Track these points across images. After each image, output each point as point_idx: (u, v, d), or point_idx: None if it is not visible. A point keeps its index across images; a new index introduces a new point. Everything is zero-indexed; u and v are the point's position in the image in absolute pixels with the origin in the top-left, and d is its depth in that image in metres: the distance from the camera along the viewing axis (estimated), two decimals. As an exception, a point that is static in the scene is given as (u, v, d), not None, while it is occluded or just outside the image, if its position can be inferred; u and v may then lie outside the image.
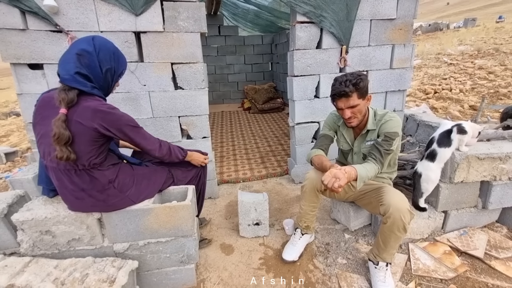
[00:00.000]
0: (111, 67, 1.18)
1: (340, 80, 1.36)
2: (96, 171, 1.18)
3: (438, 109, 4.36)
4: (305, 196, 1.61)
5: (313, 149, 1.60)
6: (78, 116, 1.07)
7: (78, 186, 1.16)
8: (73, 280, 1.13)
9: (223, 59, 6.11)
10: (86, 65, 1.11)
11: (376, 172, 1.36)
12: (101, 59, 1.14)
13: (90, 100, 1.11)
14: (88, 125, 1.08)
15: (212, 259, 1.68)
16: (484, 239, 1.65)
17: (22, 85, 1.81)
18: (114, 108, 1.17)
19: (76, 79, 1.08)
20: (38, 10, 1.66)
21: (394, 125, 1.41)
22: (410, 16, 2.25)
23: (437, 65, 7.64)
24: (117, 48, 1.24)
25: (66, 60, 1.11)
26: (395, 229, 1.30)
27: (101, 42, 1.16)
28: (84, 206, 1.23)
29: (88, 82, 1.12)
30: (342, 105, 1.39)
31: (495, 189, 1.65)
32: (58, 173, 1.16)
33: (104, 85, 1.20)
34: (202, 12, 1.88)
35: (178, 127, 2.09)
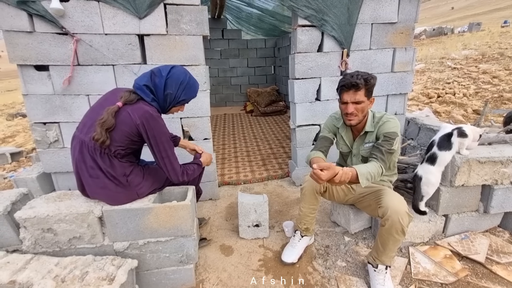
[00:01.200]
0: (172, 93, 1.33)
1: (351, 74, 1.37)
2: (116, 160, 1.28)
3: (441, 113, 4.34)
4: (305, 198, 1.62)
5: (312, 151, 1.60)
6: (131, 110, 1.24)
7: (97, 164, 1.26)
8: (73, 277, 1.15)
9: (226, 62, 6.16)
10: (155, 83, 1.30)
11: (379, 171, 1.31)
12: (167, 84, 1.31)
13: (147, 105, 1.28)
14: (134, 119, 1.22)
15: (212, 260, 1.69)
16: (485, 244, 1.63)
17: (28, 86, 1.85)
18: (161, 119, 1.30)
19: (142, 89, 1.29)
20: (45, 13, 1.71)
21: (392, 126, 1.41)
22: (411, 20, 2.26)
23: (441, 70, 7.61)
24: (189, 83, 1.38)
25: (144, 74, 1.34)
26: (394, 232, 1.29)
27: (175, 71, 1.34)
28: (95, 186, 1.29)
29: (151, 94, 1.30)
30: (348, 98, 1.38)
31: (496, 193, 1.64)
32: (83, 148, 1.26)
33: (164, 104, 1.35)
34: (204, 16, 1.91)
35: (179, 128, 2.11)
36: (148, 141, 1.28)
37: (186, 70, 1.40)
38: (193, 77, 1.42)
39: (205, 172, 2.29)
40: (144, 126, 1.24)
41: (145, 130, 1.25)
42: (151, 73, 1.32)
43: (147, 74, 1.32)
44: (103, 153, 1.25)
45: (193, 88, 1.42)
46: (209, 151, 2.22)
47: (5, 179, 3.23)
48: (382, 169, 1.33)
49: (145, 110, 1.24)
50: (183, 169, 1.43)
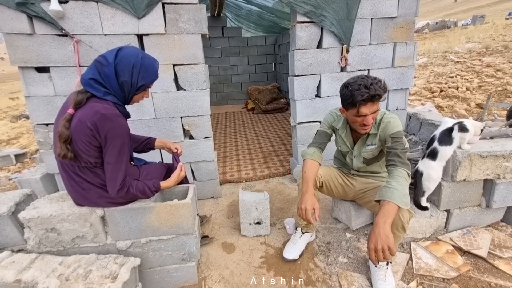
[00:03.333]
0: (127, 80, 1.16)
1: (365, 84, 1.22)
2: (99, 169, 1.20)
3: (444, 107, 4.30)
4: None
5: (311, 147, 1.58)
6: (81, 114, 1.10)
7: (84, 178, 1.21)
8: (77, 276, 1.16)
9: (227, 60, 6.15)
10: (104, 73, 1.13)
11: (406, 178, 1.26)
12: (118, 71, 1.14)
13: (99, 103, 1.13)
14: (85, 124, 1.09)
15: (214, 257, 1.70)
16: (488, 239, 1.63)
17: (29, 87, 1.87)
18: (118, 117, 1.14)
19: (90, 84, 1.13)
20: (44, 15, 1.72)
21: (396, 125, 1.38)
22: (411, 14, 2.24)
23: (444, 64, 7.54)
24: (144, 64, 1.19)
25: (90, 65, 1.17)
26: (394, 228, 1.29)
27: (124, 54, 1.15)
28: (89, 198, 1.26)
29: (102, 88, 1.14)
30: (367, 111, 1.26)
31: (498, 187, 1.63)
32: (64, 166, 1.20)
33: (121, 94, 1.20)
34: (202, 14, 1.91)
35: (180, 127, 2.12)
36: (102, 142, 1.13)
37: (138, 49, 1.21)
38: (148, 56, 1.23)
39: (207, 171, 2.31)
40: (96, 128, 1.09)
41: (98, 132, 1.10)
42: (96, 62, 1.14)
43: (93, 65, 1.15)
44: (81, 167, 1.17)
45: (150, 69, 1.22)
46: (209, 150, 2.23)
47: (10, 180, 3.28)
48: (407, 172, 1.29)
49: (95, 111, 1.09)
50: (129, 186, 1.22)
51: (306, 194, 1.38)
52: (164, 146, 1.64)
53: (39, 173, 2.11)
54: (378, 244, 1.09)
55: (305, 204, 1.34)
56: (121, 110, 1.21)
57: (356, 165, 1.59)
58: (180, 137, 2.14)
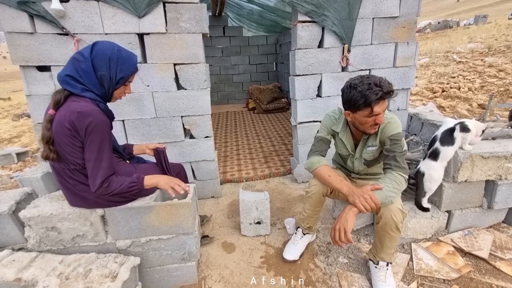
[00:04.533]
0: (105, 74, 1.15)
1: (375, 83, 1.20)
2: None
3: (446, 108, 4.29)
4: (311, 201, 1.56)
5: (313, 156, 1.51)
6: (59, 116, 1.09)
7: (77, 181, 1.20)
8: (77, 275, 1.17)
9: (228, 60, 6.15)
10: (81, 69, 1.12)
11: (400, 181, 1.27)
12: (95, 65, 1.13)
13: (76, 101, 1.11)
14: (63, 125, 1.08)
15: (214, 257, 1.70)
16: (489, 240, 1.62)
17: (31, 86, 1.87)
18: (96, 112, 1.11)
19: (66, 81, 1.11)
20: (45, 14, 1.72)
21: (395, 127, 1.35)
22: (413, 13, 2.23)
23: (446, 64, 7.50)
24: (121, 56, 1.18)
25: (67, 62, 1.16)
26: (388, 229, 1.28)
27: (100, 48, 1.15)
28: (88, 199, 1.25)
29: (79, 85, 1.12)
30: (380, 109, 1.23)
31: (500, 188, 1.62)
32: (56, 170, 1.20)
33: (101, 90, 1.18)
34: (203, 13, 1.91)
35: (181, 126, 2.12)
36: (82, 141, 1.11)
37: (113, 43, 1.20)
38: (124, 49, 1.22)
39: (208, 170, 2.31)
40: (74, 127, 1.07)
41: (77, 132, 1.08)
42: (73, 59, 1.13)
43: (69, 62, 1.13)
44: (71, 169, 1.16)
45: (128, 62, 1.20)
46: (210, 149, 2.23)
47: (11, 179, 3.29)
48: (403, 176, 1.29)
49: (71, 110, 1.07)
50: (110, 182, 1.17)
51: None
52: (144, 150, 1.55)
53: (40, 172, 2.11)
54: (337, 225, 1.22)
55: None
56: (102, 107, 1.18)
57: (358, 167, 1.56)
58: (181, 136, 2.14)
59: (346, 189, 1.30)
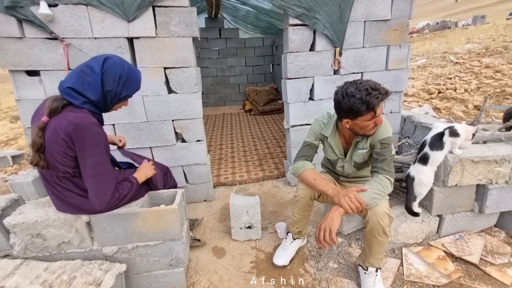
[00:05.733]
0: (112, 90, 1.16)
1: (370, 86, 1.21)
2: (77, 179, 1.19)
3: (442, 109, 4.28)
4: (299, 205, 1.55)
5: (298, 161, 1.50)
6: (55, 126, 1.08)
7: (64, 187, 1.19)
8: (61, 282, 1.16)
9: (224, 61, 6.14)
10: (87, 82, 1.12)
11: (386, 184, 1.27)
12: (104, 80, 1.14)
13: (74, 111, 1.10)
14: (59, 135, 1.07)
15: (204, 262, 1.69)
16: (480, 244, 1.61)
17: (20, 91, 1.86)
18: (94, 125, 1.11)
19: (68, 92, 1.11)
20: (34, 19, 1.71)
21: (385, 130, 1.35)
22: (405, 16, 2.22)
23: (443, 64, 7.50)
24: (130, 75, 1.20)
25: (72, 72, 1.15)
26: (375, 233, 1.28)
27: (111, 65, 1.15)
28: (73, 205, 1.24)
29: (81, 97, 1.12)
30: (380, 110, 1.25)
31: (491, 192, 1.61)
32: (44, 176, 1.19)
33: (102, 103, 1.18)
34: (193, 17, 1.90)
35: (172, 130, 2.11)
36: (78, 156, 1.11)
37: (123, 60, 1.22)
38: (133, 67, 1.24)
39: (199, 174, 2.30)
40: (71, 139, 1.07)
41: (73, 143, 1.08)
42: (80, 71, 1.13)
43: (75, 73, 1.13)
44: (60, 176, 1.16)
45: (135, 81, 1.24)
46: (202, 153, 2.22)
47: (6, 182, 3.27)
48: (390, 180, 1.29)
49: (68, 121, 1.06)
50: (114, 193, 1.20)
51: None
52: (112, 141, 1.59)
53: (31, 176, 2.09)
54: (322, 224, 1.22)
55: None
56: (98, 118, 1.19)
57: (347, 170, 1.55)
58: (172, 140, 2.13)
59: (332, 191, 1.30)
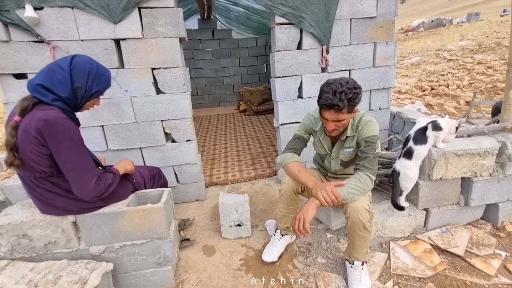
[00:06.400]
0: (82, 86, 1.18)
1: (335, 90, 1.21)
2: (55, 178, 1.19)
3: (434, 106, 4.31)
4: (283, 199, 1.58)
5: (286, 152, 1.54)
6: (25, 125, 1.09)
7: (44, 189, 1.19)
8: (46, 281, 1.16)
9: (218, 62, 6.16)
10: (56, 79, 1.13)
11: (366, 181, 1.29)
12: (73, 77, 1.16)
13: (43, 109, 1.11)
14: (29, 133, 1.07)
15: (193, 261, 1.70)
16: (466, 237, 1.63)
17: (8, 94, 1.87)
18: (63, 119, 1.11)
19: (37, 89, 1.12)
20: (19, 22, 1.72)
21: (371, 129, 1.36)
22: (391, 13, 2.24)
23: (436, 62, 7.56)
24: (99, 71, 1.23)
25: (41, 70, 1.16)
26: (356, 229, 1.29)
27: (79, 61, 1.18)
28: (58, 206, 1.25)
29: (51, 94, 1.13)
30: (328, 116, 1.28)
31: (476, 185, 1.63)
32: (23, 179, 1.20)
33: (73, 100, 1.19)
34: (179, 18, 1.91)
35: (161, 131, 2.12)
36: (51, 151, 1.10)
37: (91, 58, 1.25)
38: (101, 65, 1.27)
39: (191, 174, 2.31)
40: (42, 136, 1.07)
41: (44, 140, 1.08)
42: (48, 69, 1.15)
43: (43, 72, 1.14)
44: (37, 177, 1.16)
45: (104, 77, 1.26)
46: (192, 153, 2.23)
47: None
48: (370, 177, 1.31)
49: (37, 118, 1.06)
50: (98, 180, 1.21)
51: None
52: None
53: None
54: (298, 214, 1.26)
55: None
56: (70, 115, 1.19)
57: (334, 167, 1.57)
58: (162, 140, 2.14)
59: (311, 183, 1.32)
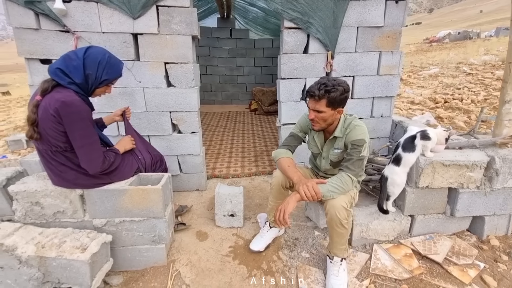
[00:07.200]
0: (92, 73, 1.32)
1: (319, 81, 1.37)
2: (69, 153, 1.34)
3: (444, 118, 4.26)
4: (273, 192, 1.70)
5: (281, 147, 1.67)
6: (45, 101, 1.24)
7: (58, 162, 1.35)
8: (52, 244, 1.31)
9: (234, 61, 6.31)
10: (72, 66, 1.28)
11: (346, 181, 1.37)
12: (86, 65, 1.30)
13: (61, 91, 1.26)
14: (48, 112, 1.22)
15: (186, 243, 1.82)
16: (447, 245, 1.67)
17: (34, 77, 2.06)
18: (78, 102, 1.26)
19: (56, 73, 1.27)
20: (49, 13, 1.90)
21: (359, 133, 1.42)
22: (398, 24, 2.29)
23: (455, 75, 7.39)
24: (110, 62, 1.37)
25: (61, 56, 1.32)
26: (334, 225, 1.37)
27: (92, 52, 1.33)
28: (68, 180, 1.40)
29: (67, 78, 1.28)
30: (310, 105, 1.42)
31: (462, 196, 1.67)
32: (40, 152, 1.36)
33: (85, 86, 1.34)
34: (193, 17, 2.05)
35: (169, 121, 2.26)
36: (66, 130, 1.26)
37: (105, 50, 1.38)
38: (114, 57, 1.40)
39: (193, 164, 2.44)
40: (59, 115, 1.22)
41: (61, 119, 1.23)
42: (66, 56, 1.30)
43: (62, 58, 1.30)
44: (53, 151, 1.31)
45: (115, 68, 1.39)
46: (196, 144, 2.36)
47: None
48: (351, 178, 1.39)
49: (56, 99, 1.21)
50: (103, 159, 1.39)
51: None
52: (113, 119, 1.78)
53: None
54: (280, 206, 1.36)
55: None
56: (84, 99, 1.34)
57: (324, 166, 1.66)
58: (169, 130, 2.28)
59: (296, 178, 1.42)
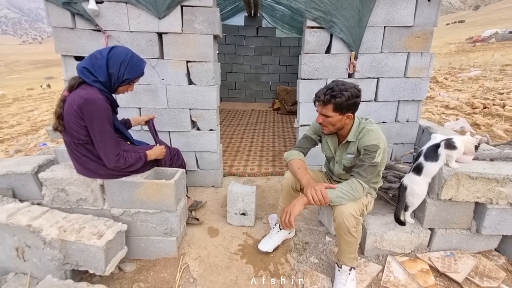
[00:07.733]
0: (114, 72, 1.40)
1: (328, 85, 1.35)
2: (90, 146, 1.43)
3: (481, 126, 3.93)
4: (283, 194, 1.70)
5: (293, 149, 1.65)
6: (70, 100, 1.34)
7: (81, 153, 1.45)
8: (72, 229, 1.42)
9: (259, 59, 6.31)
10: (97, 65, 1.37)
11: (357, 187, 1.33)
12: (109, 64, 1.39)
13: (86, 89, 1.36)
14: (72, 107, 1.32)
15: (197, 238, 1.87)
16: (470, 265, 1.54)
17: (68, 73, 2.22)
18: (100, 100, 1.34)
19: (82, 71, 1.38)
20: (83, 13, 2.04)
21: (372, 138, 1.36)
22: (430, 24, 2.14)
23: (498, 78, 6.76)
24: (132, 62, 1.44)
25: (87, 56, 1.42)
26: (342, 232, 1.33)
27: (116, 51, 1.41)
28: (90, 169, 1.50)
29: (92, 76, 1.37)
30: (318, 109, 1.41)
31: (490, 213, 1.53)
32: (66, 143, 1.47)
33: (109, 84, 1.43)
34: (216, 17, 2.08)
35: (188, 118, 2.33)
36: (87, 125, 1.35)
37: (129, 50, 1.45)
38: (136, 57, 1.46)
39: (210, 161, 2.49)
40: (81, 111, 1.30)
41: (82, 115, 1.32)
42: (92, 56, 1.38)
43: (89, 57, 1.39)
44: (76, 143, 1.41)
45: (137, 67, 1.46)
46: (213, 142, 2.40)
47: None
48: (362, 185, 1.34)
49: (80, 96, 1.30)
50: (120, 157, 1.44)
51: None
52: (140, 122, 1.90)
53: (71, 146, 2.48)
54: (286, 208, 1.33)
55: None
56: (107, 96, 1.43)
57: (337, 171, 1.62)
58: (188, 127, 2.35)
59: (305, 181, 1.40)
